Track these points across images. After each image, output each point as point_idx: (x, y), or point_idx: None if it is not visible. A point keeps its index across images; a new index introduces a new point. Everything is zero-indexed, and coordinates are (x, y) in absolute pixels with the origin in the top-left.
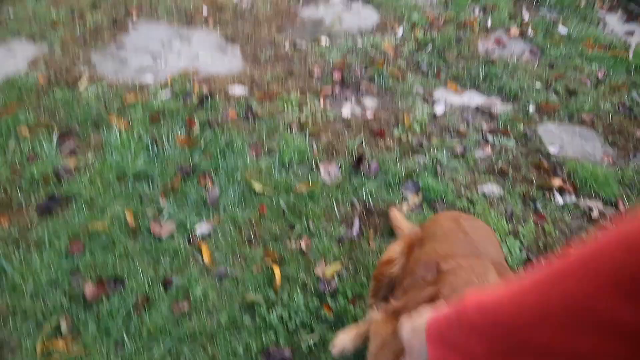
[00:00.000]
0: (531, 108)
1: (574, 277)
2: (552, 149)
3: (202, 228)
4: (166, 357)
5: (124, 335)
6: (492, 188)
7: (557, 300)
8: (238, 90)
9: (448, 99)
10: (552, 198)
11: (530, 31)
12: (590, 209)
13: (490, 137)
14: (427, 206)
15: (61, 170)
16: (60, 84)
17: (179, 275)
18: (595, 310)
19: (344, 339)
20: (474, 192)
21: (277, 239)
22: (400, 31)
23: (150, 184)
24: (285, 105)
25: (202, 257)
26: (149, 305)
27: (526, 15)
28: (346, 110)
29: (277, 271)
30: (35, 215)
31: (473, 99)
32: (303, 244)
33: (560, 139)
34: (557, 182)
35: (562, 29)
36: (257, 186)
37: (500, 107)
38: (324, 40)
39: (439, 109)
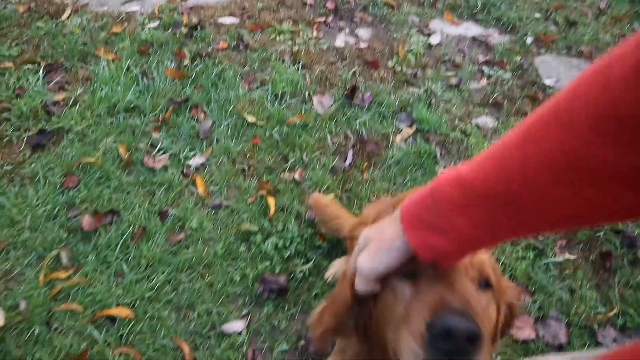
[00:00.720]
0: (529, 39)
1: (553, 129)
2: (548, 81)
3: (195, 160)
4: (165, 285)
5: (123, 265)
6: (486, 120)
7: (537, 157)
8: (228, 20)
9: (444, 29)
10: None
11: None
12: None
13: (485, 69)
14: (420, 137)
15: (50, 105)
16: (42, 14)
17: (174, 207)
18: (576, 158)
19: (338, 265)
20: (467, 124)
21: (271, 170)
22: None
23: (142, 117)
24: (277, 35)
25: (196, 188)
26: (146, 236)
27: None
28: (340, 41)
29: (271, 202)
30: (28, 150)
31: (470, 29)
32: (297, 175)
33: (557, 71)
34: None
35: None
36: (250, 118)
37: (497, 38)
38: None
39: (435, 40)
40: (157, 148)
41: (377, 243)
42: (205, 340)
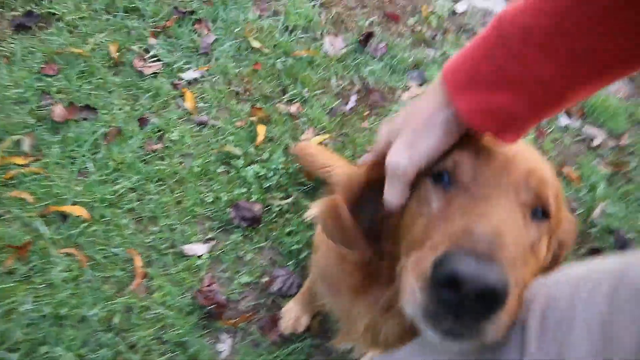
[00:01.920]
0: None
1: None
2: None
3: (189, 74)
4: (130, 193)
5: (89, 163)
6: None
7: None
8: None
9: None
10: (557, 117)
11: None
12: (593, 138)
13: None
14: None
15: None
16: None
17: (157, 116)
18: None
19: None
20: None
21: (268, 99)
22: None
23: (141, 20)
24: None
25: (184, 102)
26: (120, 138)
27: None
28: None
29: (261, 129)
30: (10, 29)
31: (498, 5)
32: (293, 108)
33: None
34: None
35: None
36: (256, 43)
37: None
38: None
39: (461, 8)
40: (151, 54)
41: (413, 126)
42: (162, 257)
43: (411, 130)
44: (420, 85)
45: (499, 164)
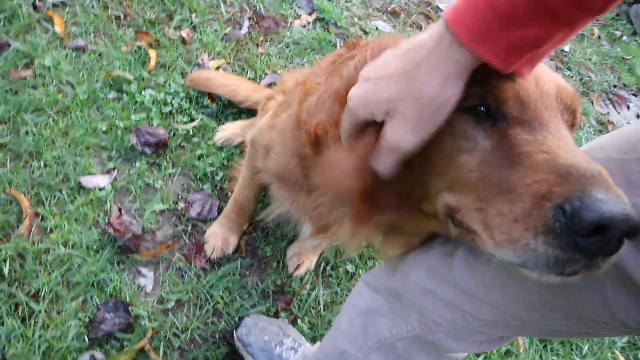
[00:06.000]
0: None
1: None
2: (441, 5)
3: None
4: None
5: None
6: (384, 25)
7: None
8: None
9: None
10: None
11: None
12: None
13: None
14: (320, 26)
15: None
16: None
17: (18, 40)
18: None
19: (231, 128)
20: (367, 23)
21: (153, 24)
22: None
23: None
24: None
25: (53, 27)
26: None
27: None
28: None
29: (152, 54)
30: None
31: None
32: (184, 34)
33: None
34: None
35: None
36: None
37: None
38: None
39: None
40: None
41: (417, 104)
42: (54, 193)
43: (415, 113)
44: (310, 14)
45: (536, 87)
